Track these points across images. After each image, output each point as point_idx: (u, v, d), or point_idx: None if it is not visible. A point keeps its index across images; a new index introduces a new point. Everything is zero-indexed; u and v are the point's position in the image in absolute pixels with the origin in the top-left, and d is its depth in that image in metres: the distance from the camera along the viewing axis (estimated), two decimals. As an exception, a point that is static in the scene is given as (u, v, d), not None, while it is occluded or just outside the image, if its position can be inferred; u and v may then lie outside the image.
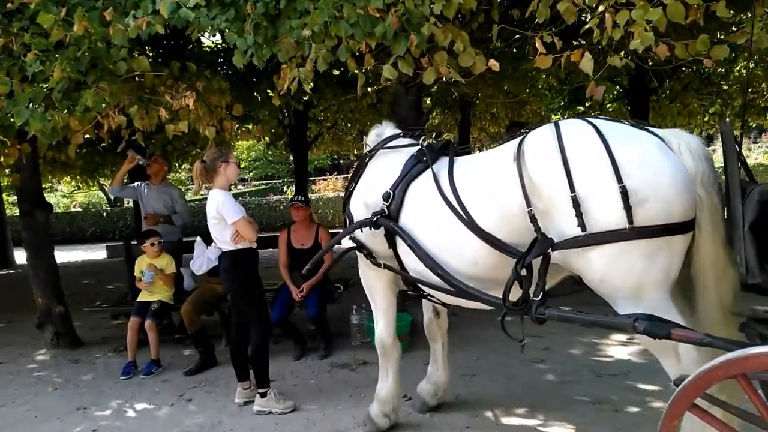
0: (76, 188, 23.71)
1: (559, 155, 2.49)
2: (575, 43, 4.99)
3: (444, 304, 3.56)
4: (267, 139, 12.58)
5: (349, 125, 12.58)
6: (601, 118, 2.67)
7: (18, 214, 7.01)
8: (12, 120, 4.38)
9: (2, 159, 5.07)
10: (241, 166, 34.79)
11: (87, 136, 5.95)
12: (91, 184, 19.05)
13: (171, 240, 5.98)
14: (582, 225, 2.42)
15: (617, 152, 2.41)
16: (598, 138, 2.47)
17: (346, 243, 3.59)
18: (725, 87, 11.52)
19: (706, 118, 12.26)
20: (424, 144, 3.28)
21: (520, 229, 2.65)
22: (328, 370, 4.91)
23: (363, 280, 3.68)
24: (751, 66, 11.53)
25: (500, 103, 10.91)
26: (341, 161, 30.65)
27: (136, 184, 6.44)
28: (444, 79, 4.15)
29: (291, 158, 27.63)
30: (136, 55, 4.55)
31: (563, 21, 3.70)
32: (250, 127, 9.43)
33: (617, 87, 11.24)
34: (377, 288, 3.60)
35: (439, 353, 3.95)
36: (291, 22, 3.96)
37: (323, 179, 23.51)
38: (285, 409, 4.06)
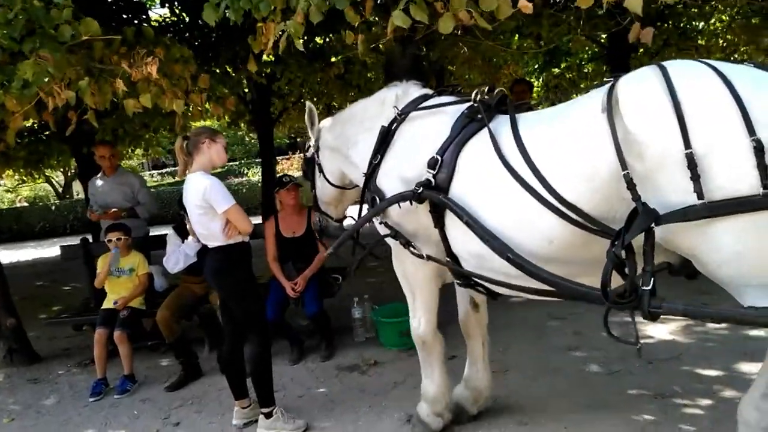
0: (20, 182, 22.27)
1: (669, 100, 1.88)
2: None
3: (493, 294, 2.91)
4: (228, 117, 11.74)
5: (315, 99, 11.79)
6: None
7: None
8: (-69, 102, 3.58)
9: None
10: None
11: (27, 121, 5.14)
12: (37, 176, 17.82)
13: (137, 236, 5.21)
14: (699, 191, 1.81)
15: (746, 97, 1.79)
16: (719, 79, 1.86)
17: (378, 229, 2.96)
18: (701, 42, 11.19)
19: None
20: (477, 99, 2.60)
21: (610, 199, 2.06)
22: (335, 375, 4.28)
23: (398, 270, 3.07)
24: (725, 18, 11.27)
25: (476, 67, 10.28)
26: (298, 139, 29.62)
27: (90, 182, 5.66)
28: (457, 32, 3.54)
29: (246, 139, 26.84)
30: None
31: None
32: (207, 105, 8.64)
33: (594, 45, 10.77)
34: (418, 279, 2.99)
35: (479, 353, 3.37)
36: (274, -34, 3.26)
37: (286, 158, 22.60)
38: (296, 429, 3.44)
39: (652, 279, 1.97)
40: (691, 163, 1.81)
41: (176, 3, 7.85)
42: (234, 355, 3.56)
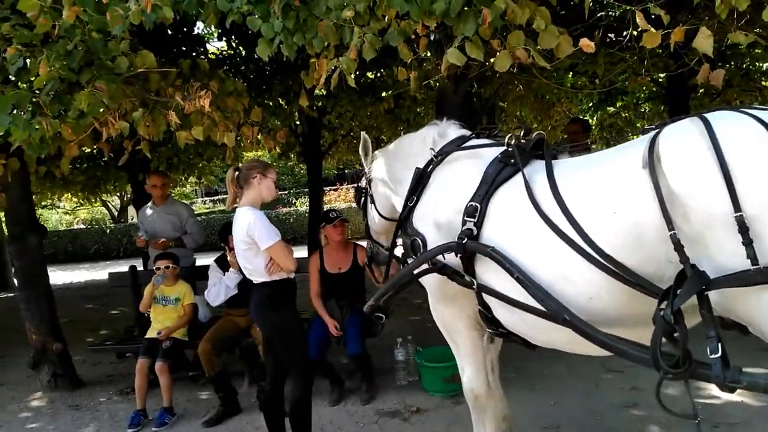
0: (78, 204, 23.04)
1: (714, 159, 1.75)
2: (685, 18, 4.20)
3: (531, 344, 2.71)
4: (278, 149, 11.90)
5: (365, 132, 11.82)
6: (761, 109, 1.90)
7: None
8: (-8, 130, 3.66)
9: (-14, 177, 4.33)
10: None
11: (84, 148, 5.25)
12: (94, 200, 18.42)
13: (184, 266, 5.22)
14: (752, 256, 1.68)
15: None
16: None
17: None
18: (766, 83, 10.77)
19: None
20: (511, 143, 2.52)
21: (656, 259, 1.92)
22: (375, 420, 4.11)
23: (438, 319, 2.93)
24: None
25: (528, 104, 10.13)
26: (347, 171, 29.87)
27: (140, 211, 5.77)
28: (512, 69, 3.43)
29: (295, 169, 27.26)
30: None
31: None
32: (259, 137, 8.77)
33: (652, 85, 10.47)
34: (458, 328, 2.85)
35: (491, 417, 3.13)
36: (328, 2, 3.23)
37: (333, 189, 22.74)
38: (333, 479, 3.30)
39: (720, 346, 1.78)
40: (742, 227, 1.68)
41: (233, 37, 8.02)
42: (275, 393, 3.46)
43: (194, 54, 7.34)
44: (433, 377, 4.39)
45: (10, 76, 3.60)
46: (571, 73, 9.49)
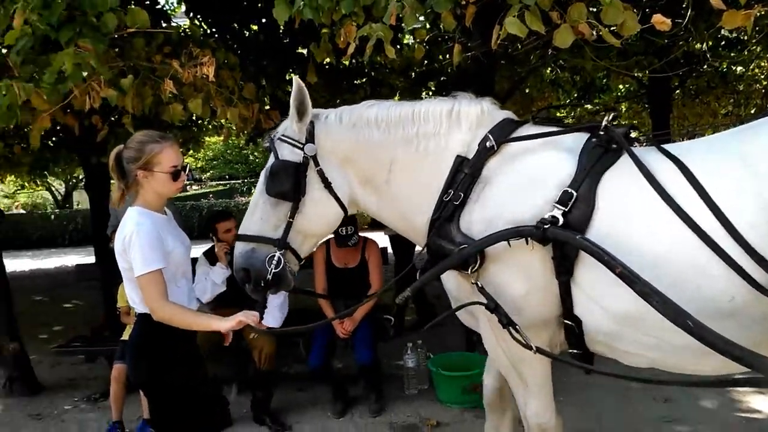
0: (19, 187, 21.66)
1: None
2: None
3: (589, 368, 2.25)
4: (244, 135, 11.28)
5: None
6: None
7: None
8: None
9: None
10: (197, 165, 32.60)
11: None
12: (39, 183, 17.29)
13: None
14: None
15: None
16: None
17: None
18: (740, 88, 10.84)
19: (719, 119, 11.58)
20: (604, 126, 2.10)
21: None
22: (390, 435, 3.70)
23: (497, 349, 2.31)
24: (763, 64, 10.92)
25: (511, 99, 9.87)
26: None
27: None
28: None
29: (250, 157, 26.24)
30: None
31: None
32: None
33: (634, 83, 10.34)
34: (528, 355, 2.15)
35: (507, 426, 2.76)
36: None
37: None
38: None
39: None
40: None
41: (199, 14, 7.40)
42: None
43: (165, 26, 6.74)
44: (451, 387, 3.97)
45: (-26, 30, 3.02)
46: (549, 67, 9.28)
